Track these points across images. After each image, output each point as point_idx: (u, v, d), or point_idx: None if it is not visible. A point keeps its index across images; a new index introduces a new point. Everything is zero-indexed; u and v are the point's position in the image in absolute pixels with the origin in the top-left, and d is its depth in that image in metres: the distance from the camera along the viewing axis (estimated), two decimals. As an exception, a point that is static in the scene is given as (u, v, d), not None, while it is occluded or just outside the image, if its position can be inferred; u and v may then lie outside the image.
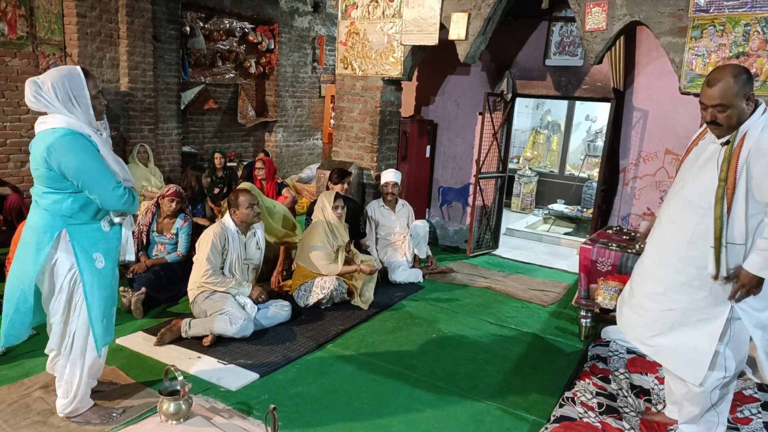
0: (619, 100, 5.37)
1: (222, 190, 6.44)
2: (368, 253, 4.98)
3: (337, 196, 4.54)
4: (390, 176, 5.22)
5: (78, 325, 2.56)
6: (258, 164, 6.02)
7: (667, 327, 2.47)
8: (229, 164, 7.56)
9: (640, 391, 3.14)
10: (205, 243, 3.75)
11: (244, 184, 4.73)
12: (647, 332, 2.55)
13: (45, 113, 2.45)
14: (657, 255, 2.54)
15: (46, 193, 2.44)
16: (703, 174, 2.36)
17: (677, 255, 2.43)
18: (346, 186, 5.02)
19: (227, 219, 3.88)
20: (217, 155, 6.78)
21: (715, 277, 2.31)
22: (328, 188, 5.05)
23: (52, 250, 2.45)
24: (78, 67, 2.48)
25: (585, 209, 7.96)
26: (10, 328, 2.51)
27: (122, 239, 2.65)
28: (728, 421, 2.82)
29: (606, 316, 4.18)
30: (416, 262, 5.24)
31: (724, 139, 2.33)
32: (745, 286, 2.27)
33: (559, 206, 8.27)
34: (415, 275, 5.06)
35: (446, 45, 5.12)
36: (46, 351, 2.71)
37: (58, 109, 2.40)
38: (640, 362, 3.40)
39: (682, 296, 2.43)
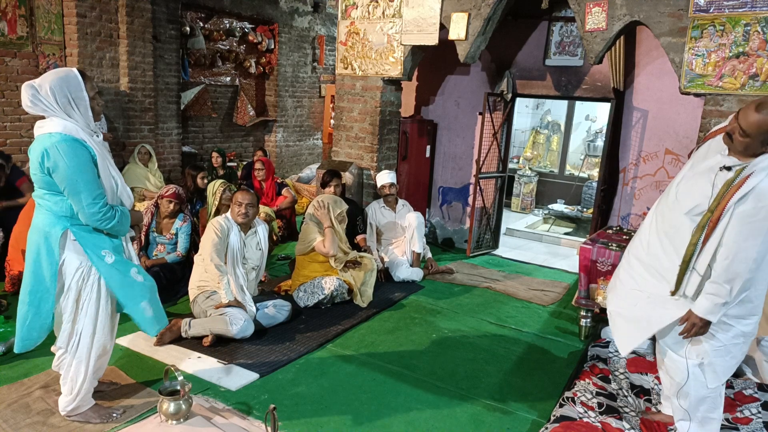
0: (619, 100, 5.37)
1: None
2: (369, 253, 4.98)
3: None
4: (385, 178, 5.23)
5: (84, 323, 2.57)
6: (257, 165, 6.01)
7: (632, 304, 2.54)
8: (229, 164, 7.56)
9: (640, 391, 3.14)
10: (208, 239, 3.74)
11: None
12: (615, 301, 2.64)
13: (42, 117, 2.45)
14: (644, 240, 2.57)
15: (47, 194, 2.46)
16: (698, 186, 2.34)
17: (657, 243, 2.47)
18: (331, 189, 5.01)
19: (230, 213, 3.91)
20: (214, 155, 6.77)
21: (673, 293, 2.38)
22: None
23: (60, 249, 2.46)
24: (75, 69, 2.48)
25: (585, 209, 7.96)
26: (29, 331, 2.51)
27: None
28: (728, 421, 2.83)
29: (606, 316, 4.17)
30: (416, 261, 5.24)
31: (728, 163, 2.27)
32: (695, 326, 2.32)
33: (559, 206, 8.27)
34: (417, 274, 5.07)
35: (446, 45, 5.12)
36: (53, 349, 2.72)
37: (56, 112, 2.40)
38: (640, 362, 3.40)
39: (653, 281, 2.48)
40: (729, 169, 2.26)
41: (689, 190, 2.38)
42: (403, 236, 5.31)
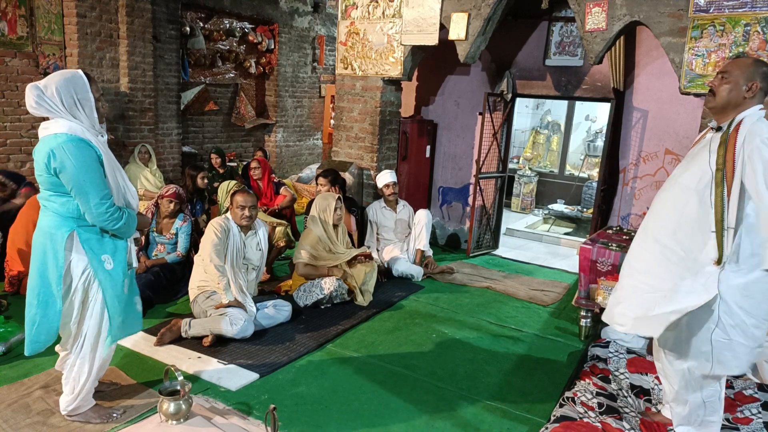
0: (619, 100, 5.37)
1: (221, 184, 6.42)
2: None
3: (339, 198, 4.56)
4: (387, 178, 5.23)
5: (90, 325, 2.56)
6: (253, 164, 5.99)
7: (649, 308, 2.41)
8: (229, 164, 7.55)
9: (640, 391, 3.14)
10: (208, 240, 3.73)
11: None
12: (625, 312, 2.49)
13: (46, 118, 2.44)
14: (645, 239, 2.52)
15: (53, 196, 2.45)
16: (698, 160, 2.38)
17: (665, 236, 2.41)
18: (318, 189, 5.04)
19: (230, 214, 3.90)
20: (213, 156, 6.77)
21: (718, 263, 2.26)
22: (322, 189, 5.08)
23: (66, 251, 2.45)
24: (80, 71, 2.48)
25: (585, 209, 7.96)
26: (37, 334, 2.49)
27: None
28: (728, 421, 2.83)
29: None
30: (419, 259, 5.24)
31: (717, 125, 2.37)
32: None
33: (559, 206, 8.27)
34: (416, 270, 5.07)
35: (446, 45, 5.12)
36: (57, 349, 2.72)
37: (61, 113, 2.40)
38: (640, 362, 3.40)
39: (667, 277, 2.38)
40: (720, 129, 2.34)
41: (689, 168, 2.41)
42: (402, 236, 5.32)
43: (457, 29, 4.90)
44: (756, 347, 2.34)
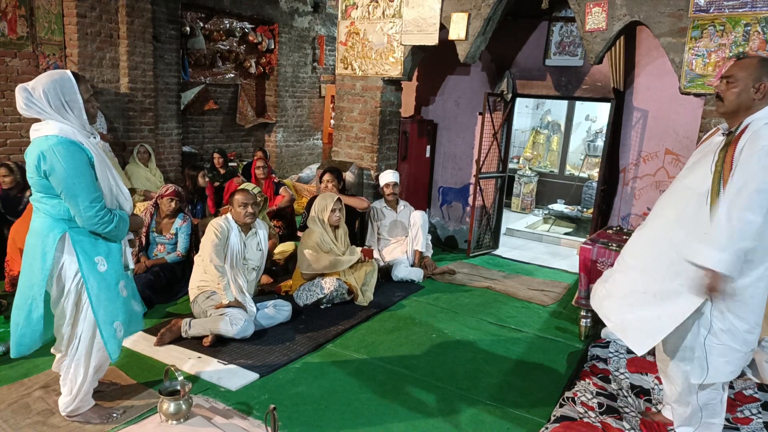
0: (619, 100, 5.37)
1: (222, 183, 6.43)
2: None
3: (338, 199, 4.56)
4: (389, 177, 5.23)
5: (84, 327, 2.54)
6: (258, 163, 6.01)
7: (636, 306, 2.41)
8: (230, 164, 7.57)
9: (640, 391, 3.14)
10: (208, 240, 3.73)
11: (246, 185, 4.73)
12: (614, 307, 2.50)
13: (37, 120, 2.41)
14: (642, 236, 2.51)
15: (44, 198, 2.42)
16: (702, 162, 2.36)
17: (661, 237, 2.40)
18: (323, 186, 5.06)
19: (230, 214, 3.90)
20: (216, 155, 6.77)
21: None
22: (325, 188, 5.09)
23: (57, 253, 2.42)
24: (68, 71, 2.43)
25: (585, 209, 7.96)
26: (21, 337, 2.46)
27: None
28: (728, 421, 2.83)
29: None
30: (418, 260, 5.24)
31: (728, 130, 2.33)
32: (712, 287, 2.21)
33: (559, 206, 8.27)
34: (416, 273, 5.06)
35: (446, 45, 5.12)
36: (52, 351, 2.71)
37: (50, 115, 2.37)
38: (640, 362, 3.40)
39: (658, 278, 2.37)
40: (731, 132, 2.30)
41: (693, 170, 2.39)
42: (403, 236, 5.32)
43: (457, 29, 4.90)
44: (749, 352, 2.32)
